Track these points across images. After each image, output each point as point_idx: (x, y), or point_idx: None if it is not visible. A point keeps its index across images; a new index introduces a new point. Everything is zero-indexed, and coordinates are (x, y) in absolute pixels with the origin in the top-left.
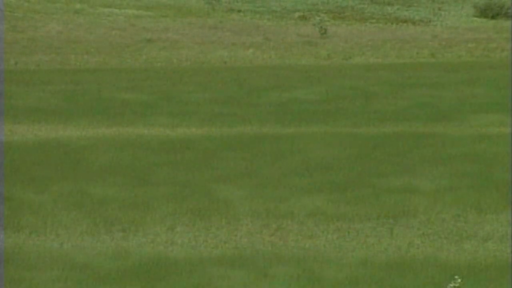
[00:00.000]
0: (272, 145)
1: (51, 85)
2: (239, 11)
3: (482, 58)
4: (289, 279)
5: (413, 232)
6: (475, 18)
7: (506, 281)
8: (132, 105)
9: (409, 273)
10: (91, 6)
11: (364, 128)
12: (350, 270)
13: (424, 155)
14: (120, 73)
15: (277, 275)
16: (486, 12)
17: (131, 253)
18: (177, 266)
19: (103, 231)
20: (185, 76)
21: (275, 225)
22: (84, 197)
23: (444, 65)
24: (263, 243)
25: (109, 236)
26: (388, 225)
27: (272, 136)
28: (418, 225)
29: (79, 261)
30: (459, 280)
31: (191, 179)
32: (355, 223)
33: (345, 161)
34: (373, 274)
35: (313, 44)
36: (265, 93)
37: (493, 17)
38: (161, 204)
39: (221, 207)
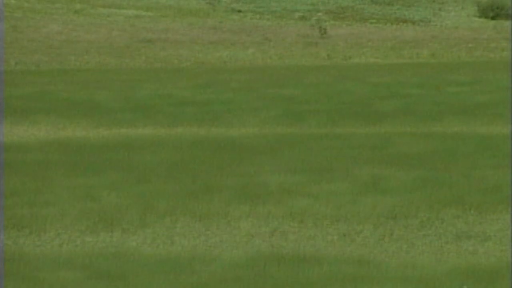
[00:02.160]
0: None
1: (52, 85)
2: (239, 11)
3: (482, 58)
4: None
5: (413, 232)
6: (475, 18)
7: (507, 282)
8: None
9: (409, 274)
10: (91, 6)
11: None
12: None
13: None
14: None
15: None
16: (486, 12)
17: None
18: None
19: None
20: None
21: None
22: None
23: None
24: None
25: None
26: (389, 225)
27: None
28: (418, 225)
29: (79, 261)
30: None
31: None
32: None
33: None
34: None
35: (313, 44)
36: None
37: (493, 18)
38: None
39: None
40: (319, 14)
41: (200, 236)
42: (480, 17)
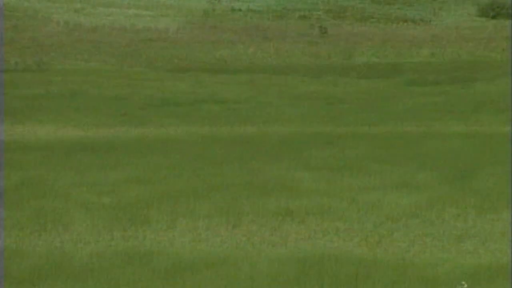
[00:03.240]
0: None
1: (53, 84)
2: (240, 10)
3: (482, 58)
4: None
5: (413, 232)
6: (476, 18)
7: (507, 282)
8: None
9: (409, 273)
10: (91, 5)
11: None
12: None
13: None
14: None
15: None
16: (486, 12)
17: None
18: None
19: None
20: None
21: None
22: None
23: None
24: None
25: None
26: (388, 224)
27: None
28: (418, 225)
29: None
30: (465, 286)
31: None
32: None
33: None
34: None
35: (313, 43)
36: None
37: (493, 17)
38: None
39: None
40: (320, 13)
41: (201, 235)
42: (480, 16)
